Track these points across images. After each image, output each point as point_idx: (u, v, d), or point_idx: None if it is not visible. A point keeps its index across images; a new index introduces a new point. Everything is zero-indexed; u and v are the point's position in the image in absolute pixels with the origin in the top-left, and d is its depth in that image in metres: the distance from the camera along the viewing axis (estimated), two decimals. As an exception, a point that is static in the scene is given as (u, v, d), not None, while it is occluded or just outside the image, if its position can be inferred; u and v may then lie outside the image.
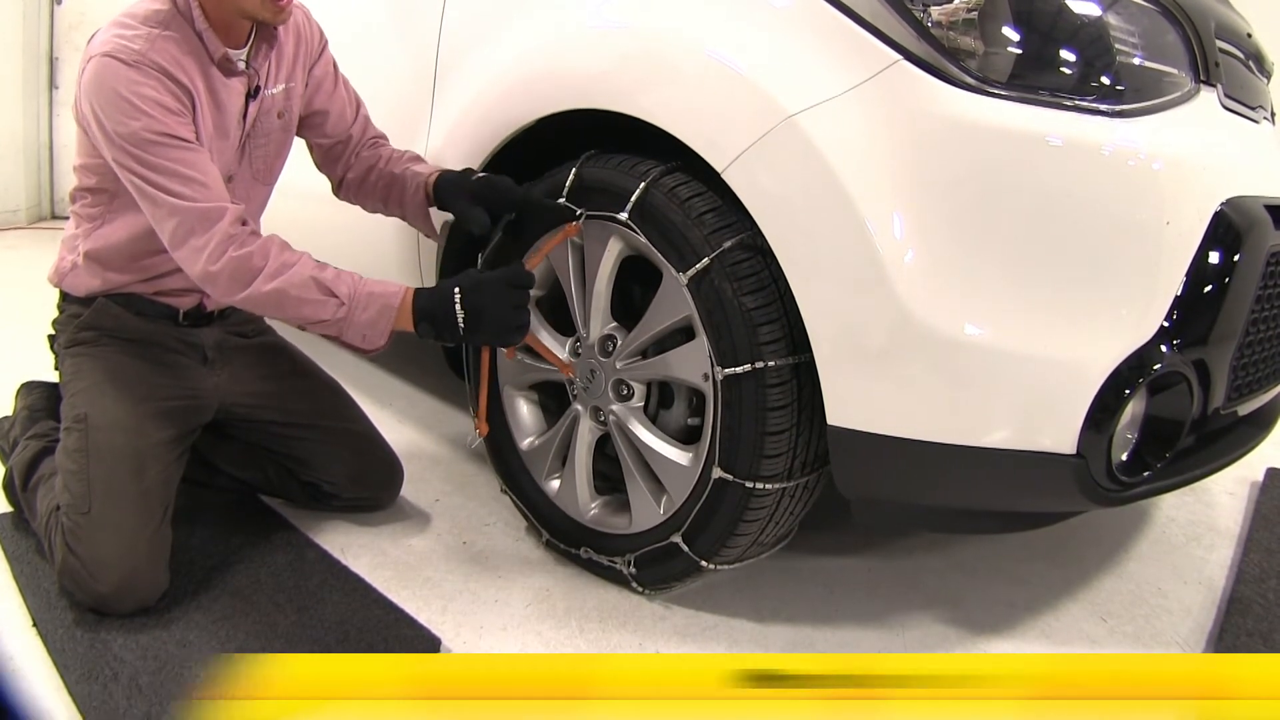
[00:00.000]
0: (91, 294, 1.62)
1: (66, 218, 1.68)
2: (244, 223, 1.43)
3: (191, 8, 1.44)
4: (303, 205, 1.95)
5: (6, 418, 1.93)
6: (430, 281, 1.92)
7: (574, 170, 1.53)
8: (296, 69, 1.65)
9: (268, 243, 1.43)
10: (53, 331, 1.70)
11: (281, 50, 1.61)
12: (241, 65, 1.53)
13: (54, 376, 1.72)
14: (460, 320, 1.42)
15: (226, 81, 1.51)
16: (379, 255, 2.10)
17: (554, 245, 1.58)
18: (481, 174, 1.64)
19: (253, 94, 1.57)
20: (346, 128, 1.76)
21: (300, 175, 1.79)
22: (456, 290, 1.43)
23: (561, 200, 1.54)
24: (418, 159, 1.76)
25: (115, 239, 1.57)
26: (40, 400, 1.87)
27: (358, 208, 1.84)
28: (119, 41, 1.40)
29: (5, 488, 1.72)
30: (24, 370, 2.01)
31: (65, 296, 1.67)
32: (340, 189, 1.83)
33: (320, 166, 1.82)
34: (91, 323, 1.62)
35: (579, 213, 1.52)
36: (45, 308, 1.75)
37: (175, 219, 1.40)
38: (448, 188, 1.64)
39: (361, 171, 1.78)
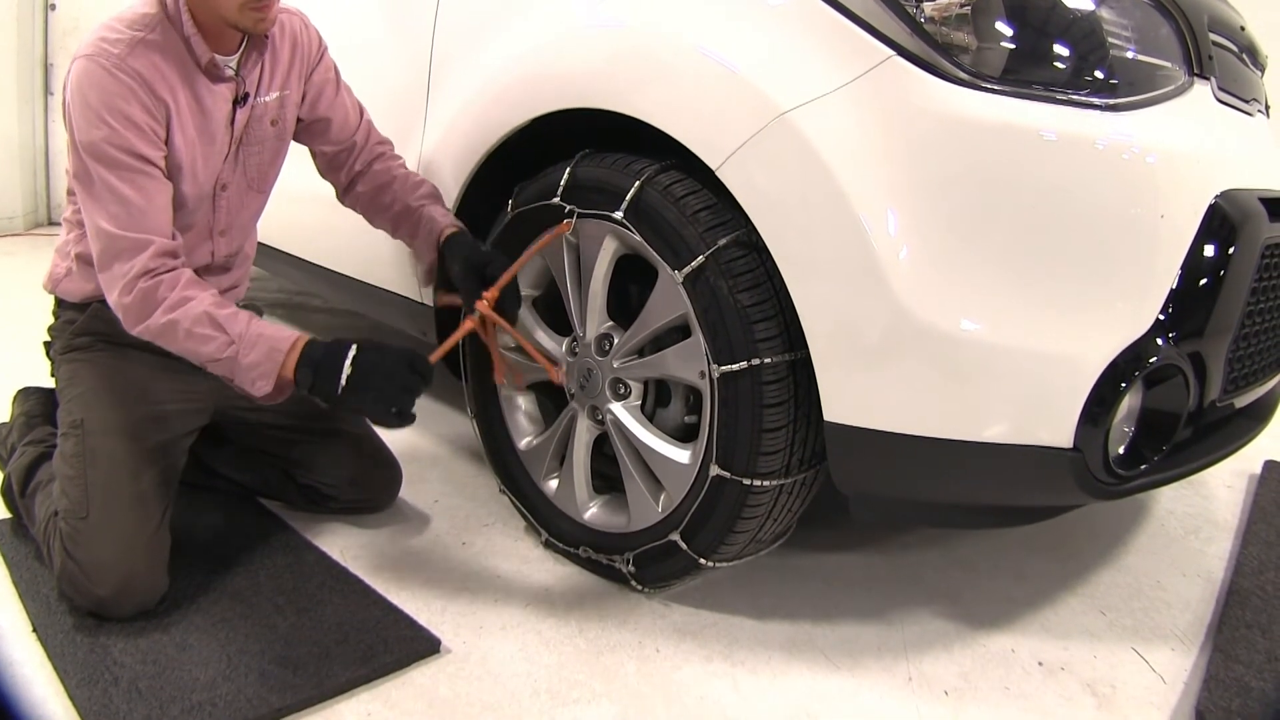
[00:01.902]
0: (86, 299, 1.62)
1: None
2: (173, 255, 1.42)
3: (180, 12, 1.44)
4: (299, 208, 1.95)
5: (4, 424, 1.93)
6: (426, 289, 1.91)
7: (568, 169, 1.53)
8: (292, 76, 1.64)
9: (177, 278, 1.41)
10: (48, 338, 1.70)
11: (276, 58, 1.60)
12: (229, 72, 1.52)
13: (51, 383, 1.72)
14: (344, 377, 1.37)
15: (212, 87, 1.51)
16: (375, 256, 2.10)
17: (546, 243, 1.57)
18: (489, 248, 1.64)
19: (240, 101, 1.56)
20: (350, 135, 1.75)
21: (296, 178, 1.79)
22: (354, 347, 1.40)
23: (555, 200, 1.54)
24: (434, 195, 1.74)
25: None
26: (37, 406, 1.87)
27: (355, 214, 1.84)
28: (101, 45, 1.40)
29: (4, 494, 1.72)
30: (21, 377, 2.01)
31: (60, 303, 1.68)
32: (345, 196, 1.81)
33: (324, 174, 1.81)
34: (86, 328, 1.62)
35: (568, 209, 1.52)
36: (42, 314, 1.75)
37: (104, 241, 1.40)
38: (455, 249, 1.63)
39: (372, 189, 1.76)
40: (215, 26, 1.46)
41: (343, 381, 1.37)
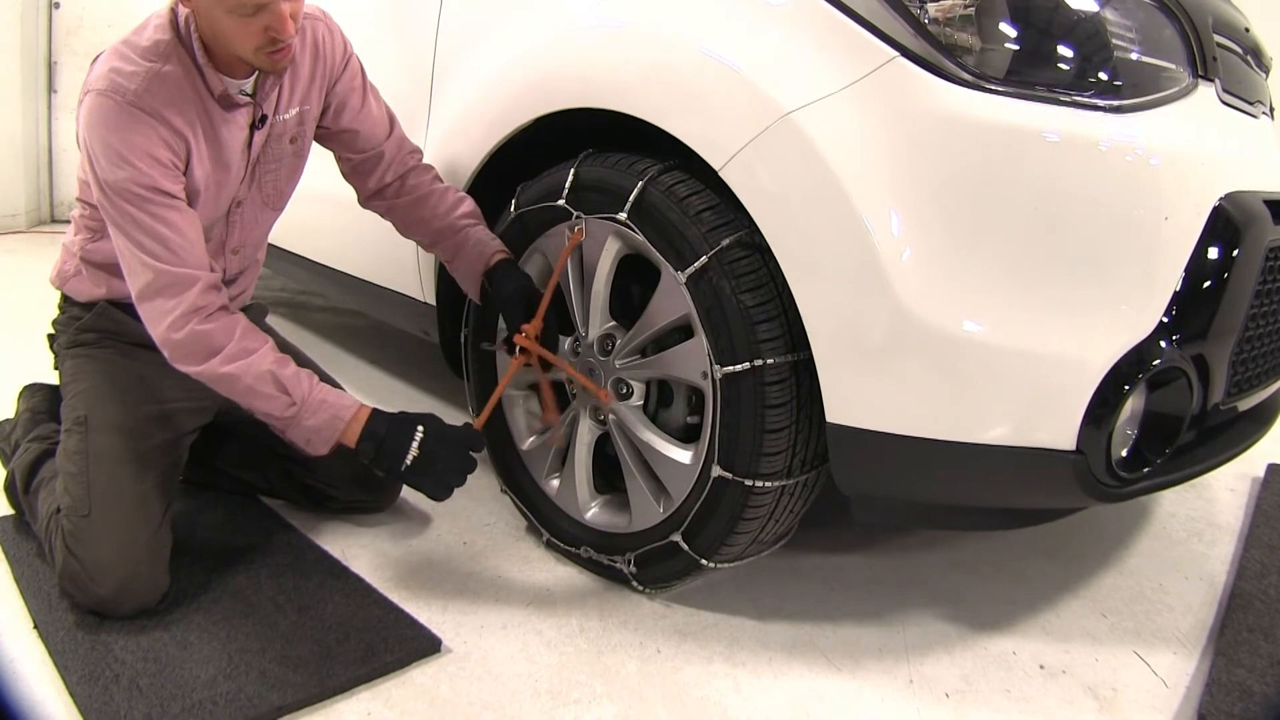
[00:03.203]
0: (93, 300, 1.62)
1: (66, 221, 1.68)
2: (216, 289, 1.41)
3: (193, 40, 1.40)
4: (302, 207, 1.95)
5: (8, 420, 1.93)
6: (427, 287, 1.92)
7: (572, 170, 1.53)
8: (313, 90, 1.59)
9: (233, 324, 1.41)
10: (53, 331, 1.70)
11: (296, 73, 1.55)
12: (244, 98, 1.48)
13: (54, 377, 1.72)
14: (409, 459, 1.43)
15: (228, 116, 1.47)
16: (376, 255, 2.11)
17: (566, 256, 1.57)
18: (530, 275, 1.64)
19: (258, 124, 1.52)
20: (378, 144, 1.69)
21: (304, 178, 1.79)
22: (419, 431, 1.44)
23: (560, 202, 1.54)
24: (476, 214, 1.69)
25: (114, 253, 1.51)
26: (42, 403, 1.87)
27: (357, 208, 1.83)
28: (116, 79, 1.36)
29: (7, 490, 1.72)
30: (23, 374, 2.01)
31: (67, 299, 1.67)
32: (369, 202, 1.76)
33: (348, 177, 1.75)
34: (93, 325, 1.62)
35: (575, 215, 1.52)
36: (45, 312, 1.76)
37: (147, 276, 1.39)
38: (502, 278, 1.62)
39: (409, 202, 1.71)
40: (228, 58, 1.42)
41: (407, 462, 1.43)
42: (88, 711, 1.21)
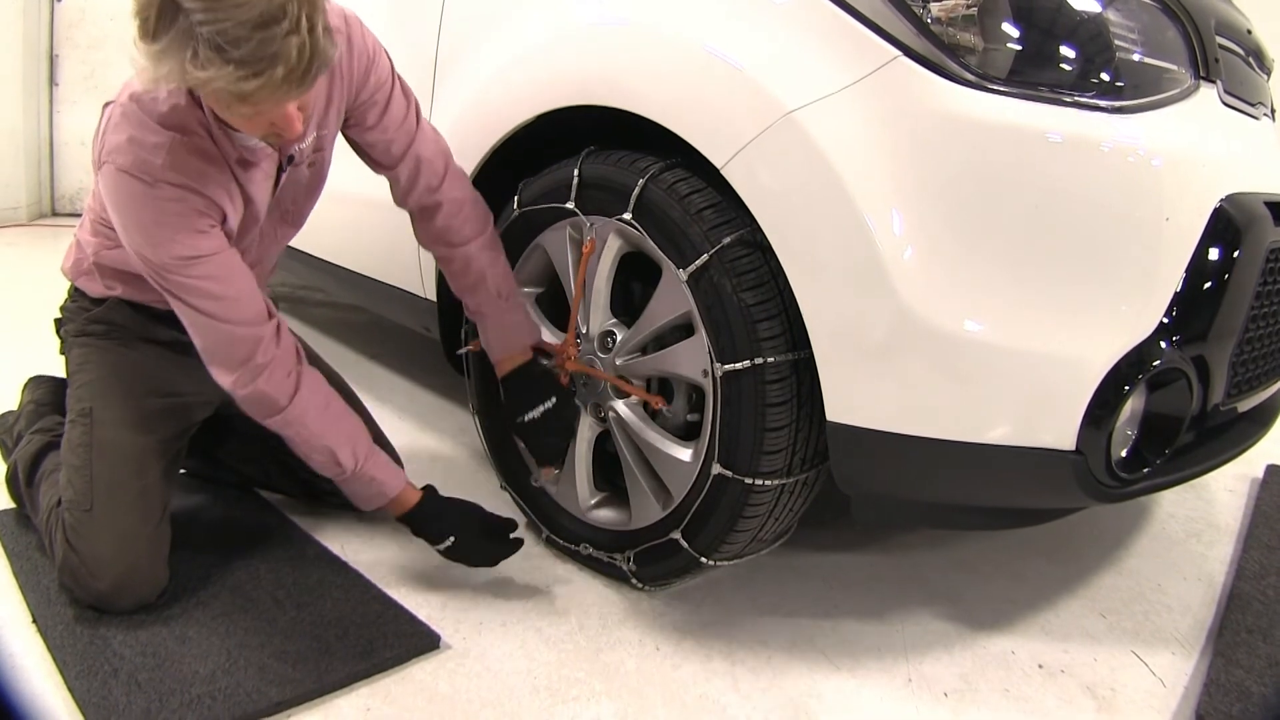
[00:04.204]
0: (105, 296, 1.61)
1: (68, 215, 1.67)
2: (276, 338, 1.41)
3: (204, 108, 1.32)
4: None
5: (10, 412, 1.93)
6: (428, 283, 1.92)
7: (576, 168, 1.53)
8: (330, 112, 1.49)
9: (295, 384, 1.43)
10: (60, 316, 1.69)
11: (314, 105, 1.47)
12: (266, 150, 1.42)
13: (57, 364, 1.71)
14: (444, 546, 1.56)
15: (254, 169, 1.42)
16: (377, 251, 2.11)
17: (585, 265, 1.56)
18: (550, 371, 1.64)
19: (284, 165, 1.48)
20: (391, 164, 1.57)
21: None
22: (458, 526, 1.56)
23: (569, 204, 1.54)
24: (509, 290, 1.62)
25: (128, 262, 1.48)
26: (47, 395, 1.87)
27: (358, 204, 1.83)
28: (139, 154, 1.29)
29: (9, 482, 1.72)
30: (25, 366, 2.01)
31: (77, 289, 1.66)
32: (400, 202, 1.64)
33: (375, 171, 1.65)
34: (102, 318, 1.61)
35: (577, 213, 1.52)
36: (47, 305, 1.75)
37: (209, 338, 1.39)
38: (525, 391, 1.61)
39: (433, 241, 1.63)
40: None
41: (442, 547, 1.56)
42: (86, 706, 1.21)
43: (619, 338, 1.55)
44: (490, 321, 1.63)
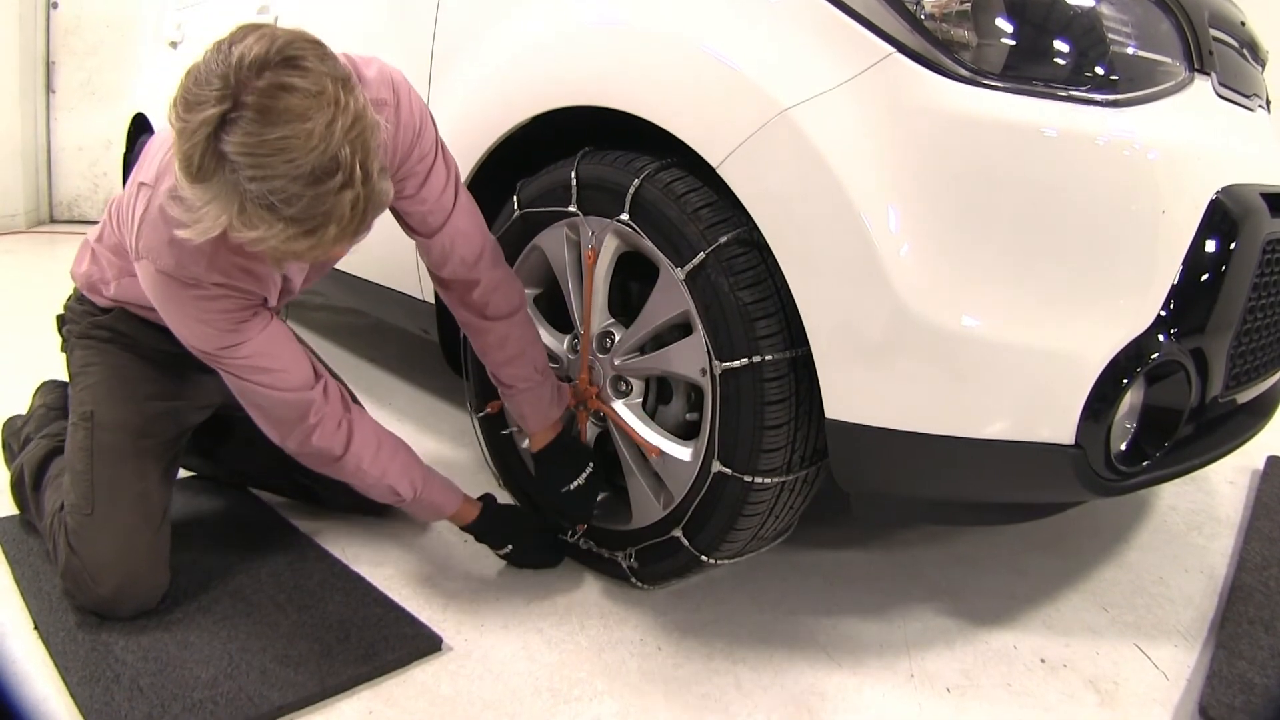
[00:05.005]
0: (112, 306, 1.60)
1: (65, 221, 1.67)
2: (325, 396, 1.42)
3: None
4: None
5: (18, 416, 1.93)
6: (427, 286, 1.91)
7: (574, 169, 1.53)
8: None
9: (348, 436, 1.44)
10: (64, 314, 1.68)
11: None
12: None
13: (58, 365, 1.70)
14: (501, 555, 1.66)
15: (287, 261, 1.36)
16: (375, 254, 2.10)
17: (590, 276, 1.56)
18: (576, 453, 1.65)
19: None
20: (428, 233, 1.49)
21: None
22: (511, 546, 1.64)
23: (568, 206, 1.54)
24: (545, 362, 1.61)
25: (140, 294, 1.42)
26: (57, 400, 1.87)
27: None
28: (180, 258, 1.26)
29: (14, 487, 1.72)
30: (26, 372, 2.02)
31: (83, 296, 1.65)
32: (434, 271, 1.57)
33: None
34: (107, 324, 1.60)
35: (576, 214, 1.52)
36: (46, 312, 1.75)
37: (260, 404, 1.40)
38: (557, 467, 1.62)
39: (484, 320, 1.57)
40: None
41: (503, 553, 1.65)
42: (89, 712, 1.21)
43: (617, 338, 1.55)
44: (528, 397, 1.59)
